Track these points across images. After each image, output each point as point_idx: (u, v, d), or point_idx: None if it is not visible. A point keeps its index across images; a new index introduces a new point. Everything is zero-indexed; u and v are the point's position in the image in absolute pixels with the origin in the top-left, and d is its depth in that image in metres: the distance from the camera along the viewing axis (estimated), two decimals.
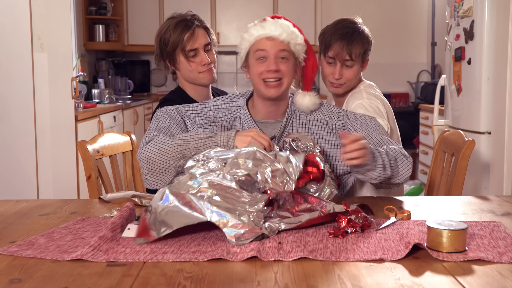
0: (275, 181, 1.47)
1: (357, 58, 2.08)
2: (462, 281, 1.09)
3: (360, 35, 2.09)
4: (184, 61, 2.15)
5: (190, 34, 2.12)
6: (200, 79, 2.18)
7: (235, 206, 1.37)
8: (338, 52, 2.06)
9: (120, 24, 6.06)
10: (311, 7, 6.14)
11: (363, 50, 2.09)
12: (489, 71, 3.30)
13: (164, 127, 1.82)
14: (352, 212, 1.42)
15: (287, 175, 1.49)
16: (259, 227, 1.33)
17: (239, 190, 1.42)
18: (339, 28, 2.09)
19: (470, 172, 3.11)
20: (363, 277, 1.11)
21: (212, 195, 1.38)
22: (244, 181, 1.45)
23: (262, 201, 1.40)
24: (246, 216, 1.33)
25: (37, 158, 3.35)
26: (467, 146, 2.01)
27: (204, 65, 2.15)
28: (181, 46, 2.13)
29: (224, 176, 1.45)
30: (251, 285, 1.07)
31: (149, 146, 1.74)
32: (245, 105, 1.89)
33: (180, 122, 1.86)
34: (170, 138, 1.74)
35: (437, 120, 4.10)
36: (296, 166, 1.51)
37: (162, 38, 2.16)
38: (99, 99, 5.05)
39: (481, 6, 3.33)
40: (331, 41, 2.07)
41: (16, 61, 3.26)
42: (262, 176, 1.47)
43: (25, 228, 1.48)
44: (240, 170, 1.47)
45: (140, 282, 1.09)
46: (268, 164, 1.49)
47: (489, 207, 1.67)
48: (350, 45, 2.06)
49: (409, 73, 6.33)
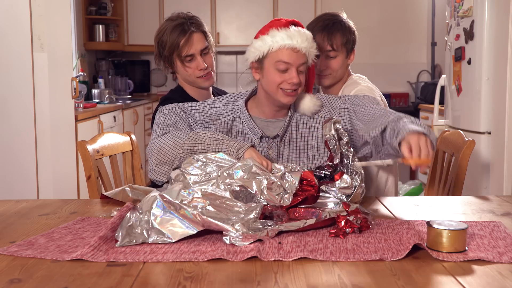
0: (271, 193, 1.47)
1: (339, 48, 2.09)
2: (462, 281, 1.09)
3: (340, 25, 2.10)
4: (181, 65, 2.15)
5: (186, 40, 2.11)
6: (198, 83, 2.18)
7: (228, 216, 1.37)
8: (319, 43, 2.04)
9: (120, 24, 6.06)
10: (311, 7, 6.14)
11: (345, 40, 2.09)
12: (489, 71, 3.30)
13: (171, 123, 1.83)
14: (351, 212, 1.42)
15: (284, 189, 1.49)
16: (255, 234, 1.32)
17: (233, 200, 1.42)
18: (320, 20, 2.12)
19: (470, 172, 3.11)
20: (363, 277, 1.11)
21: (206, 205, 1.38)
22: (239, 192, 1.45)
23: (258, 209, 1.40)
24: (240, 225, 1.33)
25: (37, 158, 3.35)
26: (467, 146, 2.01)
27: (201, 70, 2.14)
28: (177, 52, 2.12)
29: (218, 185, 1.45)
30: (251, 285, 1.07)
31: (164, 137, 1.75)
32: (243, 106, 1.89)
33: (185, 119, 1.87)
34: (185, 133, 1.76)
35: (437, 120, 4.10)
36: (292, 184, 1.50)
37: (160, 41, 2.15)
38: (99, 99, 5.05)
39: (481, 6, 3.33)
40: (313, 34, 2.05)
41: (16, 61, 3.26)
42: (258, 187, 1.46)
43: (25, 228, 1.48)
44: (235, 181, 1.46)
45: (140, 282, 1.10)
46: (263, 177, 1.49)
47: (489, 207, 1.67)
48: (330, 35, 2.07)
49: (409, 73, 6.33)
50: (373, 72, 2.09)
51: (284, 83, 1.78)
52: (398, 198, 1.82)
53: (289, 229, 1.39)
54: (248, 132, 1.87)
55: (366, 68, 2.23)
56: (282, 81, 1.78)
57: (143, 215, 1.37)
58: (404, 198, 1.82)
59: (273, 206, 1.47)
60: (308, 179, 1.53)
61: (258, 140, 1.86)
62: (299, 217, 1.50)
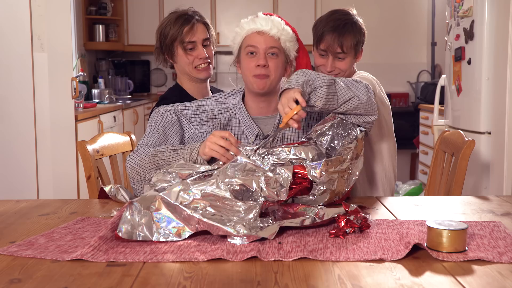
0: (269, 188, 1.47)
1: (349, 50, 2.04)
2: (462, 281, 1.09)
3: (352, 27, 2.05)
4: (182, 53, 2.18)
5: (190, 28, 2.16)
6: (195, 74, 2.20)
7: (229, 216, 1.37)
8: (329, 44, 2.02)
9: (120, 24, 6.06)
10: (311, 7, 6.14)
11: (355, 42, 2.05)
12: (489, 71, 3.30)
13: (157, 133, 1.84)
14: (351, 212, 1.42)
15: (280, 184, 1.49)
16: (255, 234, 1.32)
17: (233, 200, 1.42)
18: (331, 20, 2.06)
19: (470, 172, 3.12)
20: (363, 277, 1.11)
21: (206, 206, 1.38)
22: (239, 191, 1.45)
23: (257, 207, 1.40)
24: (241, 226, 1.33)
25: (37, 158, 3.35)
26: (467, 146, 2.01)
27: (201, 59, 2.18)
28: (180, 39, 2.16)
29: (218, 185, 1.44)
30: (251, 285, 1.07)
31: (132, 156, 1.78)
32: (241, 102, 1.89)
33: (174, 123, 1.86)
34: (150, 149, 1.77)
35: (437, 120, 4.10)
36: (285, 178, 1.50)
37: (163, 31, 2.19)
38: (99, 99, 5.05)
39: (481, 6, 3.33)
40: (323, 34, 2.04)
41: (16, 61, 3.26)
42: (257, 185, 1.46)
43: (25, 228, 1.48)
44: (234, 180, 1.46)
45: (140, 282, 1.09)
46: (261, 174, 1.49)
47: (489, 207, 1.67)
48: (341, 37, 2.02)
49: (409, 73, 6.33)
50: (373, 72, 2.08)
51: (253, 68, 1.81)
52: (398, 198, 1.82)
53: (288, 225, 1.39)
54: (244, 129, 1.87)
55: (366, 68, 2.21)
56: (252, 65, 1.81)
57: (143, 213, 1.37)
58: (404, 198, 1.82)
59: (269, 202, 1.47)
60: (300, 171, 1.53)
61: (253, 138, 1.85)
62: (295, 213, 1.50)
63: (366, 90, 1.68)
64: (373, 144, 2.10)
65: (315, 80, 1.61)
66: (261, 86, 1.81)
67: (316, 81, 1.61)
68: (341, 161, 1.60)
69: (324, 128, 1.73)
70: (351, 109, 1.66)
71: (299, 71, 1.64)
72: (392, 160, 2.14)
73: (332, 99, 1.63)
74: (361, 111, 1.68)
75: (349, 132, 1.70)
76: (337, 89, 1.64)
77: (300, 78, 1.60)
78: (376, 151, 2.10)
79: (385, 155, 2.11)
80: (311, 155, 1.61)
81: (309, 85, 1.59)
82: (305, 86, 1.58)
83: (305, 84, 1.59)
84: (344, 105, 1.66)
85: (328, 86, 1.61)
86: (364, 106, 1.67)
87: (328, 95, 1.61)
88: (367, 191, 2.11)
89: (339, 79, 1.69)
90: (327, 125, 1.73)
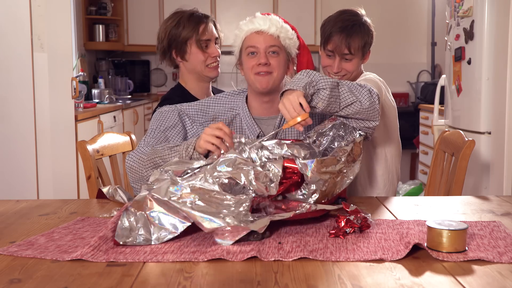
0: (259, 182, 1.46)
1: (356, 52, 2.02)
2: (462, 281, 1.09)
3: (360, 28, 2.03)
4: (196, 51, 2.19)
5: (206, 25, 2.20)
6: (206, 72, 2.22)
7: (219, 209, 1.36)
8: (337, 45, 2.01)
9: (120, 24, 6.06)
10: (311, 7, 6.14)
11: (363, 43, 2.03)
12: (489, 71, 3.30)
13: (159, 132, 1.84)
14: (351, 212, 1.42)
15: (270, 179, 1.48)
16: (246, 226, 1.31)
17: (222, 193, 1.41)
18: (339, 20, 2.04)
19: (470, 172, 3.11)
20: (363, 277, 1.11)
21: (195, 200, 1.38)
22: (227, 184, 1.44)
23: (248, 201, 1.39)
24: (231, 218, 1.32)
25: (37, 158, 3.35)
26: (467, 146, 2.01)
27: (214, 57, 2.22)
28: (196, 37, 2.18)
29: (206, 179, 1.43)
30: (251, 285, 1.07)
31: (131, 155, 1.78)
32: (244, 102, 1.89)
33: (177, 124, 1.86)
34: (149, 148, 1.77)
35: (437, 120, 4.10)
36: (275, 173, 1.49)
37: (172, 31, 2.19)
38: (99, 99, 5.05)
39: (481, 6, 3.33)
40: (331, 34, 2.02)
41: (16, 61, 3.26)
42: (246, 178, 1.45)
43: (25, 228, 1.48)
44: (223, 173, 1.45)
45: (140, 282, 1.09)
46: (250, 168, 1.48)
47: (489, 207, 1.67)
48: (349, 38, 2.00)
49: (409, 73, 6.33)
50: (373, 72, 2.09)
51: (254, 67, 1.82)
52: (398, 198, 1.82)
53: (278, 219, 1.37)
54: (245, 130, 1.87)
55: (366, 68, 2.21)
56: (253, 64, 1.82)
57: (139, 215, 1.37)
58: (404, 198, 1.82)
59: (260, 197, 1.45)
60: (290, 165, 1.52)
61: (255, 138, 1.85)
62: (287, 209, 1.49)
63: (369, 96, 1.67)
64: (378, 146, 2.09)
65: (318, 81, 1.61)
66: (264, 84, 1.81)
67: (320, 83, 1.61)
68: (334, 163, 1.58)
69: (325, 128, 1.73)
70: (352, 113, 1.66)
71: (303, 72, 1.64)
72: (396, 162, 2.13)
73: (334, 102, 1.63)
74: (363, 116, 1.68)
75: (349, 134, 1.70)
76: (340, 92, 1.64)
77: (304, 79, 1.60)
78: (380, 153, 2.10)
79: (390, 157, 2.11)
80: (303, 154, 1.61)
81: (312, 87, 1.59)
82: (308, 88, 1.58)
83: (308, 86, 1.59)
84: (346, 109, 1.65)
85: (331, 89, 1.61)
86: (365, 111, 1.66)
87: (331, 98, 1.61)
88: (369, 192, 2.11)
89: (344, 82, 1.68)
90: (329, 126, 1.73)
